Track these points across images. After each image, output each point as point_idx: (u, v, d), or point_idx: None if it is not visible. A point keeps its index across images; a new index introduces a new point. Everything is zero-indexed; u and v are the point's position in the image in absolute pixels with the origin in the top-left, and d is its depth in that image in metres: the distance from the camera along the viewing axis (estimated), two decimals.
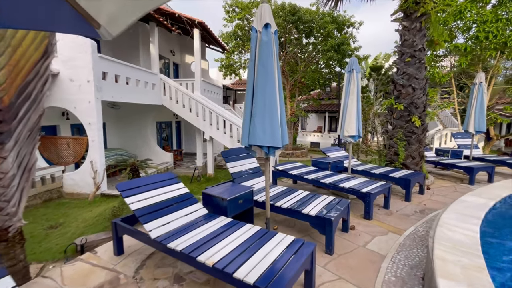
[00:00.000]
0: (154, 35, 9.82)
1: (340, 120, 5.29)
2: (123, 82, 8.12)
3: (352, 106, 5.03)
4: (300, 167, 5.74)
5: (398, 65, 5.92)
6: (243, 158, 4.55)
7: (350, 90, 5.01)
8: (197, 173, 10.22)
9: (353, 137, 5.12)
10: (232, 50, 17.27)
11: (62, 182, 7.28)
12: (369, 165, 6.06)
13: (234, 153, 4.52)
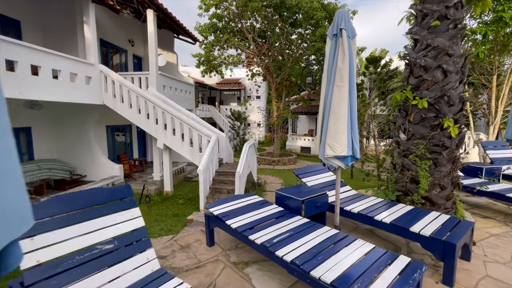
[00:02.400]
0: (88, 14, 7.34)
1: (320, 127, 2.90)
2: (26, 71, 5.65)
3: (340, 101, 2.65)
4: (247, 209, 3.31)
5: (417, 34, 3.52)
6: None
7: (337, 70, 2.62)
8: (146, 191, 7.75)
9: (343, 159, 2.73)
10: (211, 44, 14.86)
11: None
12: (369, 200, 3.70)
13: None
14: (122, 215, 2.00)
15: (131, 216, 2.04)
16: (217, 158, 7.69)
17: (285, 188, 3.50)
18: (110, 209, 1.97)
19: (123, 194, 2.09)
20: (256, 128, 23.10)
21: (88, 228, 1.80)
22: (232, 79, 22.98)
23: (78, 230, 1.75)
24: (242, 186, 6.79)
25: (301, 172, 4.04)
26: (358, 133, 2.77)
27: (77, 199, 1.85)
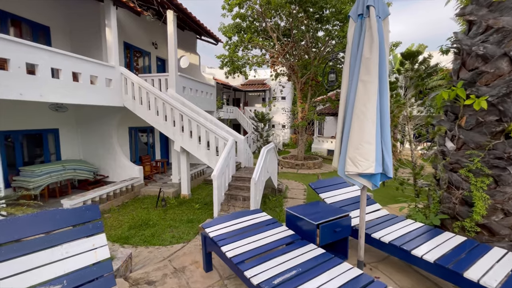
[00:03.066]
0: (110, 17, 7.34)
1: (339, 134, 2.27)
2: (47, 74, 5.69)
3: (367, 101, 2.01)
4: (250, 231, 2.73)
5: (473, 14, 2.69)
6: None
7: (362, 61, 1.99)
8: (163, 195, 7.55)
9: (370, 178, 2.07)
10: (235, 44, 14.58)
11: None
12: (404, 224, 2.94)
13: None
14: (80, 245, 1.59)
15: (92, 245, 1.63)
16: (233, 162, 7.26)
17: (298, 207, 2.89)
18: (63, 237, 1.57)
19: (84, 218, 1.69)
20: (280, 129, 22.42)
21: (26, 265, 1.41)
22: (257, 80, 22.55)
23: (13, 268, 1.36)
24: (258, 193, 6.27)
25: (319, 186, 3.39)
26: (391, 141, 2.09)
27: (19, 225, 1.47)
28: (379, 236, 2.63)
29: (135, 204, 7.70)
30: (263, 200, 8.01)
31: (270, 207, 7.64)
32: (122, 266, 3.89)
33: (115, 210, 7.17)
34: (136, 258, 4.92)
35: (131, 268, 4.26)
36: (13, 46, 5.07)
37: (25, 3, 7.11)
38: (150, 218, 6.69)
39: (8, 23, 6.91)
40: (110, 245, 5.34)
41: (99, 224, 1.72)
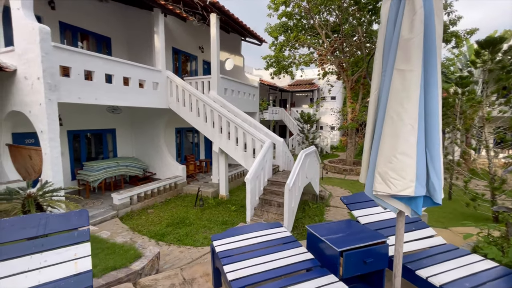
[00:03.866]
0: (158, 24, 7.80)
1: (368, 141, 1.77)
2: (101, 79, 6.30)
3: (404, 97, 1.49)
4: (262, 249, 2.33)
5: None
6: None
7: (400, 43, 1.48)
8: (201, 195, 7.68)
9: (408, 202, 1.53)
10: (282, 44, 14.26)
11: None
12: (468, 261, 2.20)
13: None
14: (61, 254, 1.51)
15: (74, 255, 1.53)
16: (270, 165, 6.95)
17: (322, 225, 2.44)
18: (45, 244, 1.50)
19: (71, 224, 1.61)
20: (329, 131, 21.19)
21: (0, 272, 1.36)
22: (304, 80, 21.76)
23: None
24: (294, 200, 5.83)
25: (353, 201, 2.84)
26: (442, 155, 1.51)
27: (2, 228, 1.44)
28: (427, 274, 2.01)
29: (177, 201, 8.02)
30: (302, 207, 7.51)
31: (309, 215, 7.10)
32: (148, 265, 3.96)
33: (158, 206, 7.57)
34: (167, 256, 5.02)
35: (158, 267, 4.34)
36: (75, 56, 5.71)
37: (92, 19, 8.06)
38: (187, 216, 6.85)
39: (78, 36, 7.92)
40: (146, 240, 5.59)
41: (85, 232, 1.62)
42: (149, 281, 2.60)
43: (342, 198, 2.87)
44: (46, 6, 6.95)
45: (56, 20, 7.23)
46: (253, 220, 5.91)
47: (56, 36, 7.18)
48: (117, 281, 3.44)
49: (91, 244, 4.25)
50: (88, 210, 6.50)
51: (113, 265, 3.67)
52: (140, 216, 6.80)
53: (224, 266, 2.08)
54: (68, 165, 7.72)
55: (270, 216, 5.98)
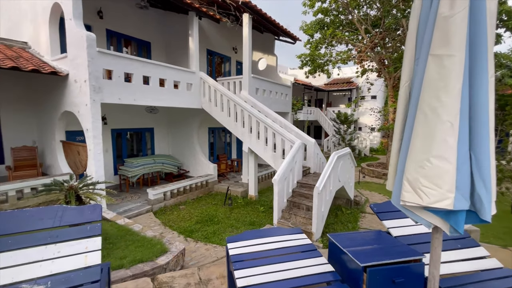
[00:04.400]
0: (193, 27, 8.06)
1: (396, 141, 1.51)
2: (139, 81, 6.70)
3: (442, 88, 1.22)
4: (278, 256, 2.16)
5: None
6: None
7: (437, 23, 1.22)
8: (230, 194, 7.72)
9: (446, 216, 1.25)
10: (317, 42, 13.80)
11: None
12: None
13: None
14: (73, 246, 1.56)
15: (85, 248, 1.57)
16: (300, 167, 6.70)
17: (346, 235, 2.21)
18: (60, 235, 1.56)
19: (84, 218, 1.66)
20: (368, 133, 19.91)
21: (18, 259, 1.45)
22: (342, 79, 20.76)
23: (4, 261, 1.41)
24: (324, 204, 5.53)
25: (383, 209, 2.52)
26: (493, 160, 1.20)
27: (23, 218, 1.54)
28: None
29: (207, 199, 8.19)
30: (335, 212, 7.11)
31: (342, 220, 6.69)
32: (173, 261, 4.06)
33: (189, 203, 7.81)
34: (194, 253, 5.11)
35: (183, 263, 4.43)
36: (116, 60, 6.16)
37: (134, 25, 8.66)
38: (216, 215, 6.93)
39: (122, 42, 8.58)
40: (175, 236, 5.78)
41: (97, 227, 1.66)
42: (166, 278, 2.62)
43: (372, 205, 2.58)
44: (95, 16, 7.65)
45: (103, 28, 7.91)
46: (280, 222, 5.74)
47: (103, 43, 7.86)
48: (143, 274, 3.57)
49: (124, 237, 4.55)
50: (126, 204, 6.99)
51: (141, 257, 3.83)
52: (172, 212, 7.08)
53: (235, 271, 1.98)
54: (111, 160, 8.39)
55: (298, 220, 5.75)
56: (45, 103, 7.02)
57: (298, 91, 19.90)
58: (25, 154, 7.03)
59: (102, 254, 3.92)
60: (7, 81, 7.04)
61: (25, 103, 7.43)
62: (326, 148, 17.58)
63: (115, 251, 4.07)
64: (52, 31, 6.52)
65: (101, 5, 7.73)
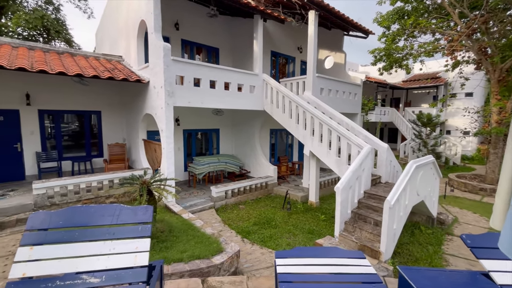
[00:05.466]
0: (257, 30, 8.14)
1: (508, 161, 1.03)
2: (206, 85, 7.14)
3: None
4: (330, 284, 1.84)
5: None
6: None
7: None
8: (288, 198, 7.47)
9: None
10: (395, 34, 12.28)
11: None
12: None
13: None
14: (126, 245, 1.64)
15: (135, 248, 1.63)
16: (368, 175, 5.99)
17: (426, 271, 1.78)
18: (113, 233, 1.67)
19: (137, 218, 1.74)
20: (460, 137, 16.60)
21: (81, 250, 1.59)
22: (425, 74, 17.86)
23: (71, 251, 1.58)
24: (397, 221, 4.77)
25: (481, 244, 1.90)
26: None
27: (86, 214, 1.70)
28: None
29: (266, 201, 8.17)
30: (411, 230, 6.11)
31: (420, 241, 5.69)
32: (227, 261, 4.11)
33: (249, 203, 7.93)
34: (249, 255, 5.10)
35: (237, 265, 4.45)
36: (187, 66, 6.70)
37: (205, 34, 9.33)
38: (274, 218, 6.82)
39: (194, 50, 9.35)
40: (233, 235, 5.90)
41: (147, 228, 1.71)
42: (215, 282, 2.61)
43: (465, 237, 1.99)
44: (172, 28, 8.54)
45: (179, 38, 8.77)
46: (342, 235, 5.22)
47: (178, 51, 8.72)
48: (199, 270, 3.72)
49: (187, 231, 4.86)
50: (192, 198, 7.55)
51: (198, 254, 4.00)
52: (232, 210, 7.30)
53: None
54: (182, 158, 9.24)
55: (363, 235, 5.12)
56: (132, 106, 8.20)
57: (370, 90, 18.11)
58: (117, 150, 8.38)
59: (167, 245, 4.30)
60: (107, 89, 8.54)
61: (118, 107, 8.86)
62: (403, 154, 15.44)
63: (177, 244, 4.37)
64: (139, 45, 7.56)
65: (177, 17, 8.58)
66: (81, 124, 8.55)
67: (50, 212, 1.66)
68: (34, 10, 13.24)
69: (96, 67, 6.90)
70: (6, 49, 6.40)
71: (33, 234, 1.59)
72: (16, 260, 1.50)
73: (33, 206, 5.67)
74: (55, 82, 7.53)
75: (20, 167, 7.41)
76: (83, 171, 8.12)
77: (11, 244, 4.76)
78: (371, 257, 4.70)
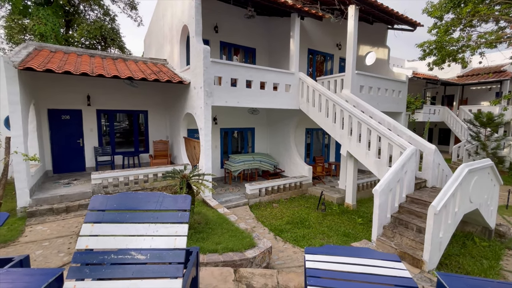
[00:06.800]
0: (294, 28, 8.10)
1: None
2: (243, 85, 7.34)
3: None
4: (361, 283, 1.80)
5: None
6: None
7: None
8: (323, 199, 7.31)
9: None
10: (448, 25, 11.22)
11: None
12: None
13: None
14: (167, 228, 1.84)
15: (175, 232, 1.82)
16: (411, 178, 5.61)
17: (472, 280, 1.69)
18: (157, 217, 1.88)
19: (177, 206, 1.93)
20: None
21: (131, 230, 1.83)
22: (485, 68, 15.83)
23: (123, 230, 1.82)
24: (444, 229, 4.42)
25: None
26: None
27: (135, 199, 1.94)
28: None
29: (300, 201, 8.11)
30: (462, 241, 5.57)
31: (472, 254, 5.17)
32: (259, 256, 4.22)
33: (282, 202, 7.96)
34: (281, 253, 5.15)
35: (269, 261, 4.53)
36: (224, 67, 6.99)
37: (242, 35, 9.59)
38: (307, 218, 6.76)
39: (232, 51, 9.68)
40: (266, 232, 6.00)
41: (186, 215, 1.89)
42: (247, 272, 2.74)
43: None
44: (212, 31, 8.95)
45: (218, 40, 9.16)
46: (380, 240, 4.98)
47: (217, 53, 9.11)
48: (232, 262, 3.89)
49: (221, 224, 5.10)
50: (228, 194, 7.85)
51: (232, 247, 4.19)
52: (265, 208, 7.41)
53: (309, 287, 1.82)
54: (219, 155, 9.63)
55: (404, 241, 4.82)
56: (174, 106, 8.80)
57: (418, 87, 16.71)
58: (161, 146, 9.08)
59: (203, 236, 4.58)
60: (153, 90, 9.31)
61: (163, 107, 9.58)
62: (456, 158, 13.96)
63: (212, 236, 4.62)
64: (181, 48, 8.09)
65: (217, 20, 8.97)
66: (130, 122, 9.45)
67: (107, 196, 1.95)
68: (94, 21, 14.96)
69: (144, 70, 7.58)
70: (73, 57, 7.39)
71: (94, 213, 1.88)
72: (81, 234, 1.80)
73: (91, 194, 6.47)
74: (110, 84, 8.45)
75: (82, 160, 8.48)
76: (131, 165, 8.98)
77: (74, 225, 5.51)
78: (412, 266, 4.41)
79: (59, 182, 7.27)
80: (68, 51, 7.87)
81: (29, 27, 12.11)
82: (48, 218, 5.77)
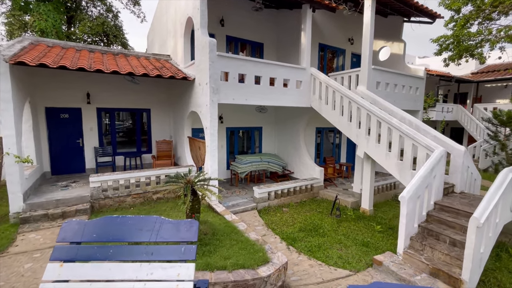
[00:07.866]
0: (306, 21, 7.49)
1: None
2: (251, 81, 6.78)
3: None
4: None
5: None
6: None
7: None
8: (338, 204, 6.73)
9: None
10: (467, 18, 10.49)
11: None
12: None
13: None
14: (165, 269, 1.30)
15: (177, 275, 1.29)
16: (440, 183, 5.01)
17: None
18: (152, 253, 1.34)
19: (179, 236, 1.39)
20: None
21: (115, 273, 1.30)
22: (502, 65, 15.01)
23: (103, 273, 1.29)
24: (486, 244, 3.81)
25: None
26: None
27: (123, 226, 1.41)
28: None
29: (312, 205, 7.55)
30: (495, 253, 4.96)
31: (508, 268, 4.57)
32: (274, 274, 3.67)
33: (293, 206, 7.40)
34: (296, 267, 4.61)
35: (284, 278, 3.99)
36: (231, 61, 6.42)
37: (249, 29, 9.02)
38: (321, 225, 6.20)
39: (238, 46, 9.11)
40: (278, 241, 5.45)
41: (192, 249, 1.35)
42: None
43: None
44: (218, 25, 8.39)
45: (224, 34, 8.60)
46: (407, 253, 4.40)
47: (223, 48, 8.55)
48: (244, 282, 3.36)
49: (230, 235, 4.56)
50: (235, 198, 7.30)
51: (243, 263, 3.65)
52: (275, 213, 6.86)
53: None
54: (225, 156, 9.10)
55: (436, 255, 4.24)
56: (178, 104, 8.28)
57: (430, 84, 15.95)
58: (164, 146, 8.58)
59: (209, 249, 4.05)
60: (156, 87, 8.79)
61: (166, 105, 9.07)
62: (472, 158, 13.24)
63: (221, 248, 4.09)
64: (186, 42, 7.55)
65: (223, 13, 8.40)
66: (132, 121, 8.96)
67: (84, 222, 1.42)
68: (97, 18, 14.50)
69: (146, 66, 7.06)
70: (71, 52, 6.90)
71: (65, 247, 1.35)
72: (44, 279, 1.27)
73: (89, 198, 5.98)
74: (111, 81, 7.96)
75: (81, 161, 8.02)
76: (133, 166, 8.49)
77: None
78: (448, 285, 3.83)
79: (57, 184, 6.81)
80: (66, 46, 7.39)
81: (29, 23, 11.69)
82: (42, 224, 5.30)
